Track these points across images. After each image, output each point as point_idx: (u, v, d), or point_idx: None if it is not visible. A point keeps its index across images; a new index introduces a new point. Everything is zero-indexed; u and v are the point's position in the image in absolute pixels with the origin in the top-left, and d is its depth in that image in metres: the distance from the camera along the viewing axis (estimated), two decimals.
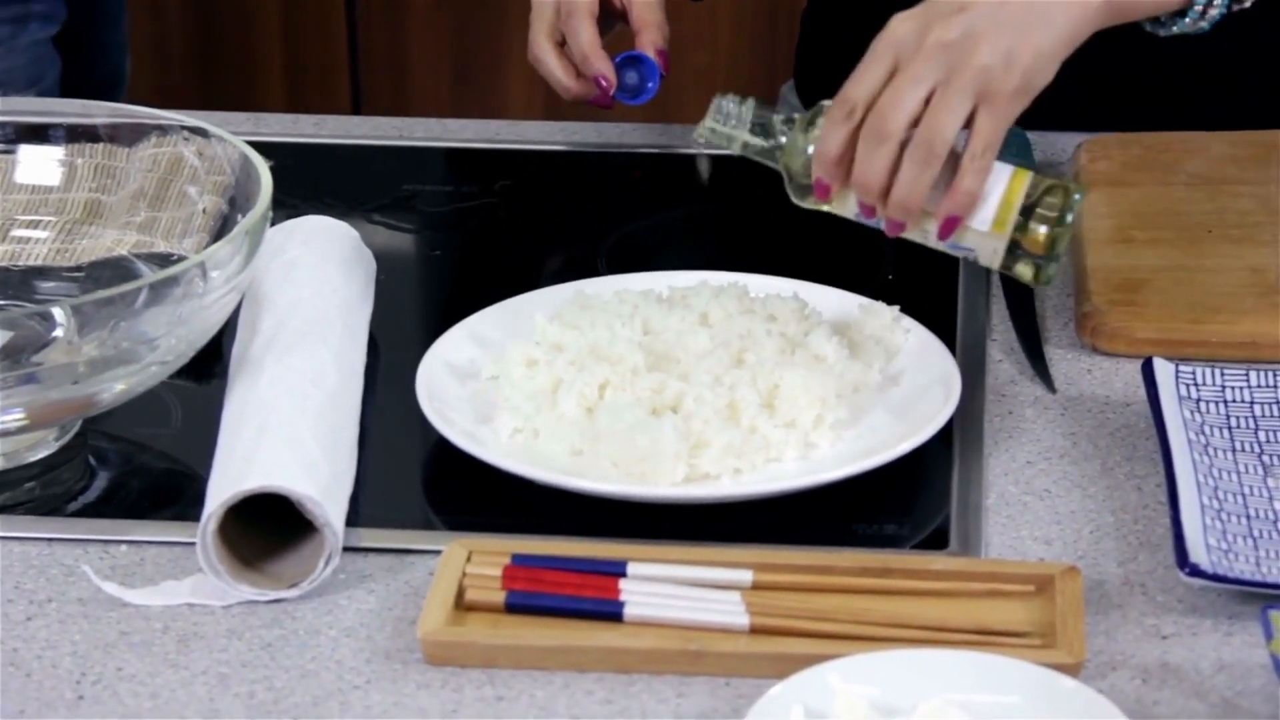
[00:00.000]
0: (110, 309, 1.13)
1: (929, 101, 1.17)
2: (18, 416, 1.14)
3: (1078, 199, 1.21)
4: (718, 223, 1.47)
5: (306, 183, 1.49)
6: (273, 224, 1.25)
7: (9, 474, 1.17)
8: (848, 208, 1.22)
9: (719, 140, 1.26)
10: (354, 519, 1.12)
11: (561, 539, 1.11)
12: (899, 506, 1.16)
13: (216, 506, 1.07)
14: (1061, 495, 1.16)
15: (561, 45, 1.42)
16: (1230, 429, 1.18)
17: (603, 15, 1.42)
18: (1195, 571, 1.06)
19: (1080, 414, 1.23)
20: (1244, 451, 1.16)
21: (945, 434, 1.19)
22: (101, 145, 1.32)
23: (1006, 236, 1.20)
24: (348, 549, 1.11)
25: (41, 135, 1.32)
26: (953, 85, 1.17)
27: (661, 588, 1.07)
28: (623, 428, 1.15)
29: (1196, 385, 1.21)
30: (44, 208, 1.32)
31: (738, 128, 1.25)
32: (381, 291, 1.32)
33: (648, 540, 1.11)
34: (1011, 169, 1.21)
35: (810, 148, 1.22)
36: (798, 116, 1.24)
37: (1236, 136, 1.47)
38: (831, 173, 1.20)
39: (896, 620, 1.05)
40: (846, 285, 1.30)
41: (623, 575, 1.07)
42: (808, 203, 1.24)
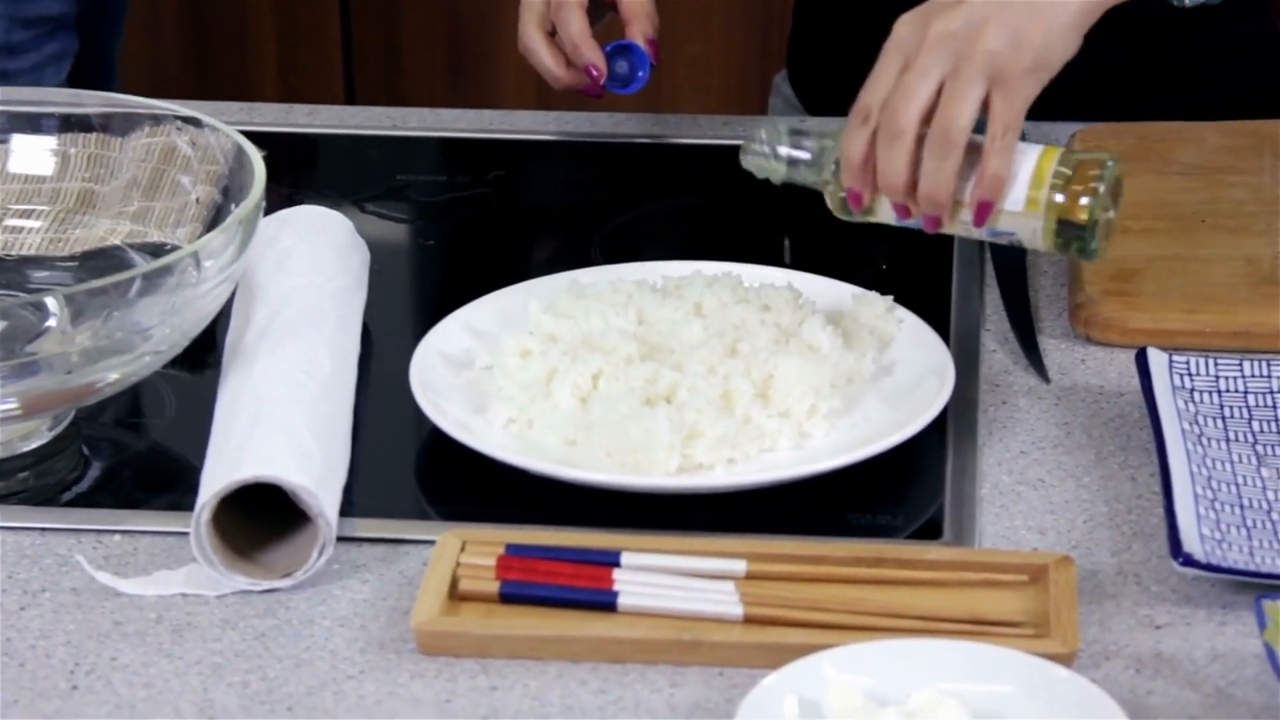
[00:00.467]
0: (104, 299, 1.13)
1: (941, 93, 1.17)
2: (11, 406, 1.14)
3: (1111, 166, 1.19)
4: (712, 213, 1.47)
5: (300, 172, 1.49)
6: (266, 214, 1.25)
7: (2, 464, 1.17)
8: (885, 214, 1.21)
9: (759, 172, 1.24)
10: (348, 509, 1.12)
11: (555, 529, 1.11)
12: (893, 496, 1.16)
13: (210, 496, 1.07)
14: (1055, 485, 1.16)
15: (552, 35, 1.42)
16: (1224, 419, 1.18)
17: (593, 5, 1.42)
18: (1189, 561, 1.06)
19: (1074, 404, 1.23)
20: (1238, 441, 1.17)
21: (939, 424, 1.19)
22: (95, 135, 1.32)
23: (1042, 215, 1.19)
24: (341, 539, 1.11)
25: (34, 125, 1.32)
26: (961, 73, 1.17)
27: (655, 578, 1.07)
28: (616, 418, 1.15)
29: (1190, 375, 1.21)
30: (37, 197, 1.32)
31: (773, 156, 1.23)
32: (375, 281, 1.32)
33: (642, 530, 1.11)
34: (1040, 148, 1.20)
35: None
36: (825, 133, 1.23)
37: (1231, 126, 1.47)
38: (859, 179, 1.20)
39: (890, 610, 1.05)
40: (840, 275, 1.30)
41: (616, 565, 1.07)
42: (852, 217, 1.22)
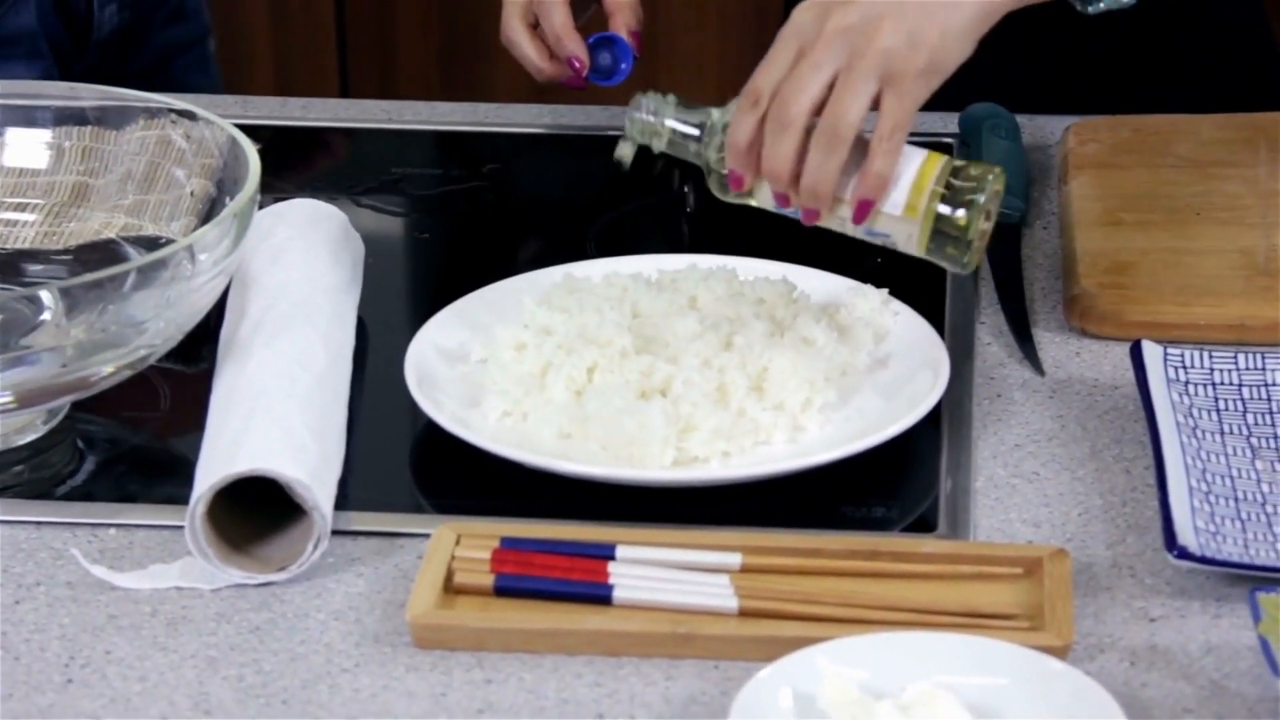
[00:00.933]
0: (98, 292, 1.13)
1: (833, 86, 1.17)
2: (6, 400, 1.14)
3: (991, 179, 1.18)
4: (706, 206, 1.47)
5: (295, 166, 1.49)
6: (261, 207, 1.24)
7: None
8: (765, 198, 1.20)
9: (642, 137, 1.23)
10: (343, 502, 1.12)
11: (550, 522, 1.11)
12: (887, 489, 1.16)
13: (205, 490, 1.07)
14: (1050, 478, 1.16)
15: (535, 28, 1.42)
16: (1218, 411, 1.18)
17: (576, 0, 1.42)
18: (1183, 554, 1.06)
19: (1069, 397, 1.23)
20: (1232, 434, 1.17)
21: (934, 417, 1.19)
22: (89, 128, 1.32)
23: (919, 221, 1.18)
24: (336, 532, 1.11)
25: (29, 118, 1.32)
26: (855, 69, 1.15)
27: (650, 571, 1.07)
28: (611, 411, 1.15)
29: (1185, 368, 1.21)
30: (31, 190, 1.32)
31: (658, 126, 1.22)
32: (370, 274, 1.32)
33: (636, 523, 1.11)
34: (925, 153, 1.18)
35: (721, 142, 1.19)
36: (714, 111, 1.21)
37: (1225, 119, 1.47)
38: (743, 163, 1.18)
39: (885, 603, 1.05)
40: (835, 268, 1.30)
41: (611, 558, 1.07)
42: (729, 196, 1.21)
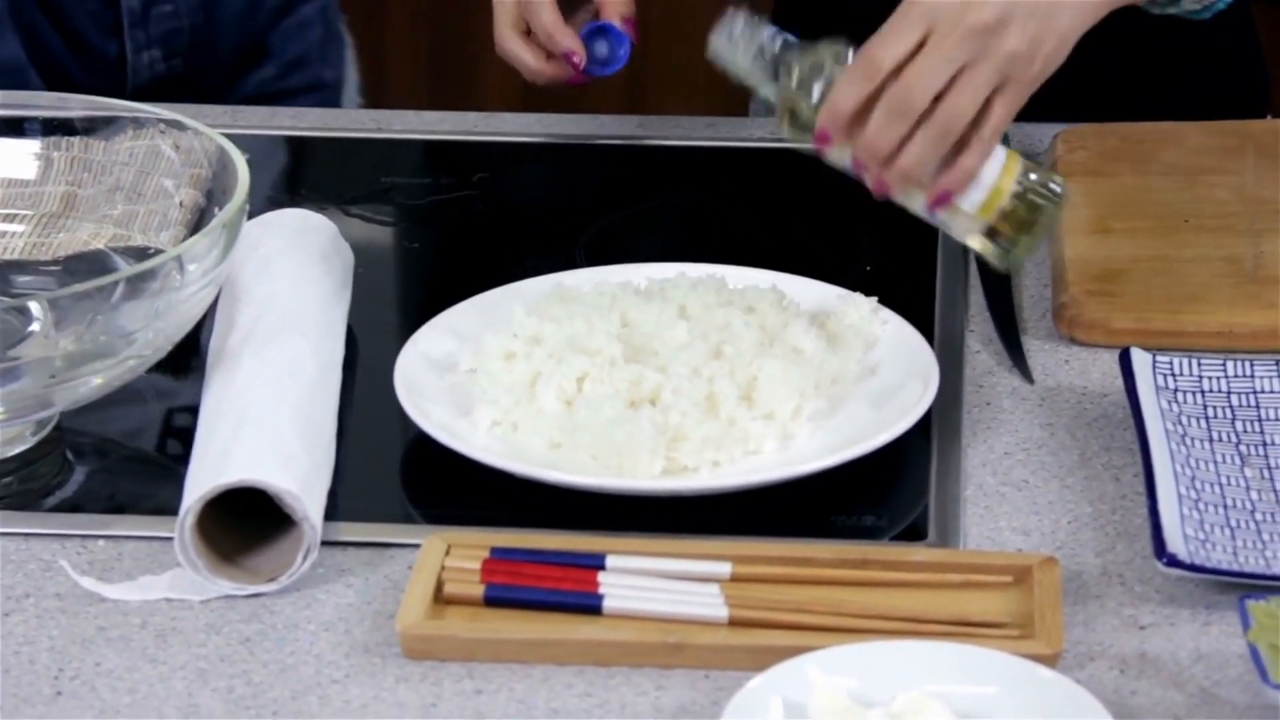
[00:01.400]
0: (87, 303, 1.13)
1: (953, 80, 1.17)
2: None
3: (1059, 191, 1.21)
4: (696, 214, 1.47)
5: (284, 176, 1.49)
6: (250, 217, 1.24)
7: None
8: (842, 158, 1.21)
9: (726, 57, 1.23)
10: (332, 513, 1.12)
11: (540, 532, 1.11)
12: (877, 498, 1.16)
13: (194, 501, 1.07)
14: (1039, 486, 1.16)
15: (527, 34, 1.42)
16: (1207, 419, 1.18)
17: (566, 1, 1.42)
18: (1173, 561, 1.06)
19: (1058, 404, 1.23)
20: (1221, 441, 1.17)
21: (923, 425, 1.19)
22: (78, 138, 1.31)
23: (987, 221, 1.21)
24: (326, 543, 1.10)
25: (17, 128, 1.32)
26: (981, 69, 1.17)
27: (640, 580, 1.07)
28: (601, 421, 1.15)
29: (1174, 375, 1.21)
30: (20, 201, 1.32)
31: (745, 52, 1.22)
32: (359, 284, 1.32)
33: (626, 533, 1.11)
34: (1005, 153, 1.21)
35: (816, 92, 1.20)
36: (809, 55, 1.21)
37: (1212, 126, 1.47)
38: (839, 127, 1.19)
39: (875, 612, 1.05)
40: (825, 277, 1.30)
41: (602, 568, 1.07)
42: (803, 143, 1.21)
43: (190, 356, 1.25)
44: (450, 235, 1.45)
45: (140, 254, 1.27)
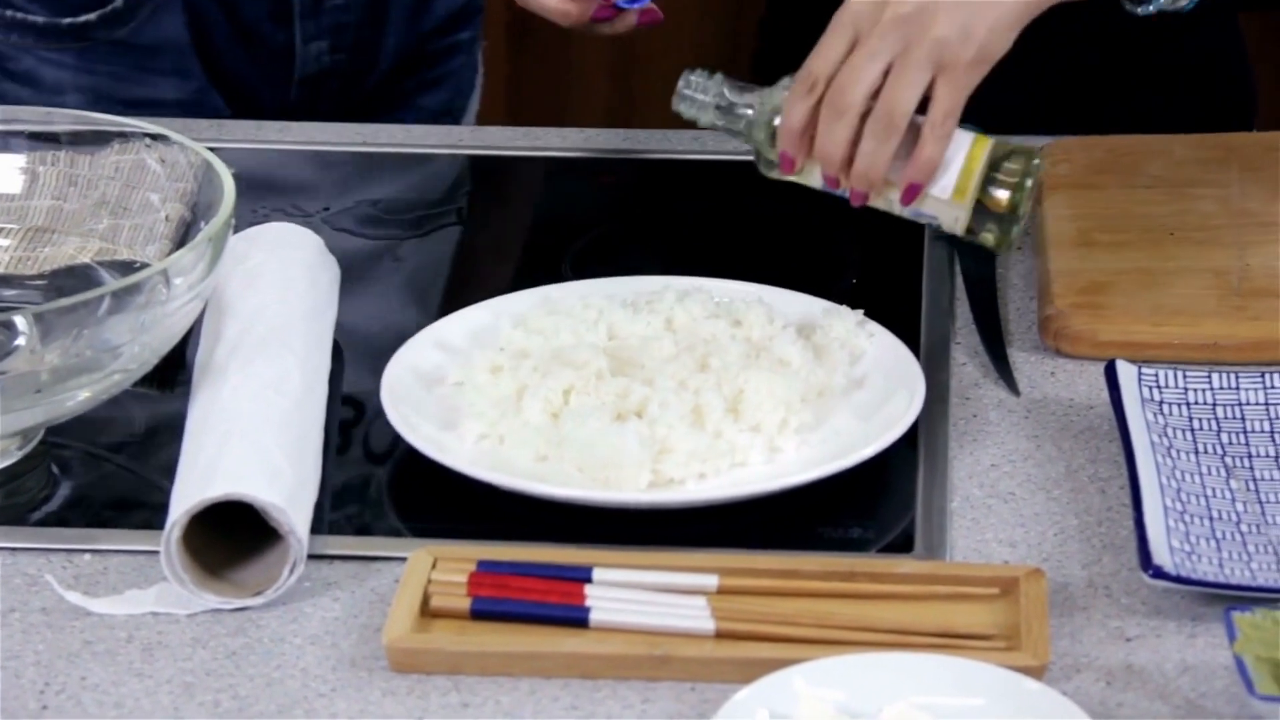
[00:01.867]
0: (73, 317, 1.13)
1: (888, 74, 1.19)
2: None
3: (1037, 163, 1.23)
4: (682, 227, 1.47)
5: (270, 189, 1.49)
6: (236, 231, 1.24)
7: None
8: (813, 179, 1.25)
9: (688, 113, 1.27)
10: (319, 526, 1.12)
11: (527, 545, 1.11)
12: (864, 510, 1.16)
13: (181, 514, 1.07)
14: (1025, 498, 1.17)
15: None
16: (1193, 431, 1.18)
17: None
18: (1159, 573, 1.06)
19: (1044, 417, 1.24)
20: (1206, 453, 1.17)
21: (910, 437, 1.19)
22: (64, 152, 1.31)
23: (967, 204, 1.23)
24: (313, 556, 1.10)
25: (3, 143, 1.32)
26: (910, 57, 1.19)
27: (627, 593, 1.07)
28: (587, 434, 1.15)
29: (1159, 387, 1.21)
30: (6, 215, 1.32)
31: (706, 102, 1.27)
32: (345, 298, 1.32)
33: (613, 546, 1.11)
34: (973, 136, 1.23)
35: (775, 121, 1.24)
36: (765, 90, 1.26)
37: (1198, 139, 1.47)
38: (795, 146, 1.23)
39: (861, 624, 1.05)
40: (811, 289, 1.30)
41: (588, 581, 1.07)
42: (775, 174, 1.26)
43: (176, 370, 1.25)
44: (436, 249, 1.45)
45: (126, 268, 1.27)
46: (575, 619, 1.05)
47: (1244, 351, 1.27)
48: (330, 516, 1.14)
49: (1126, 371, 1.21)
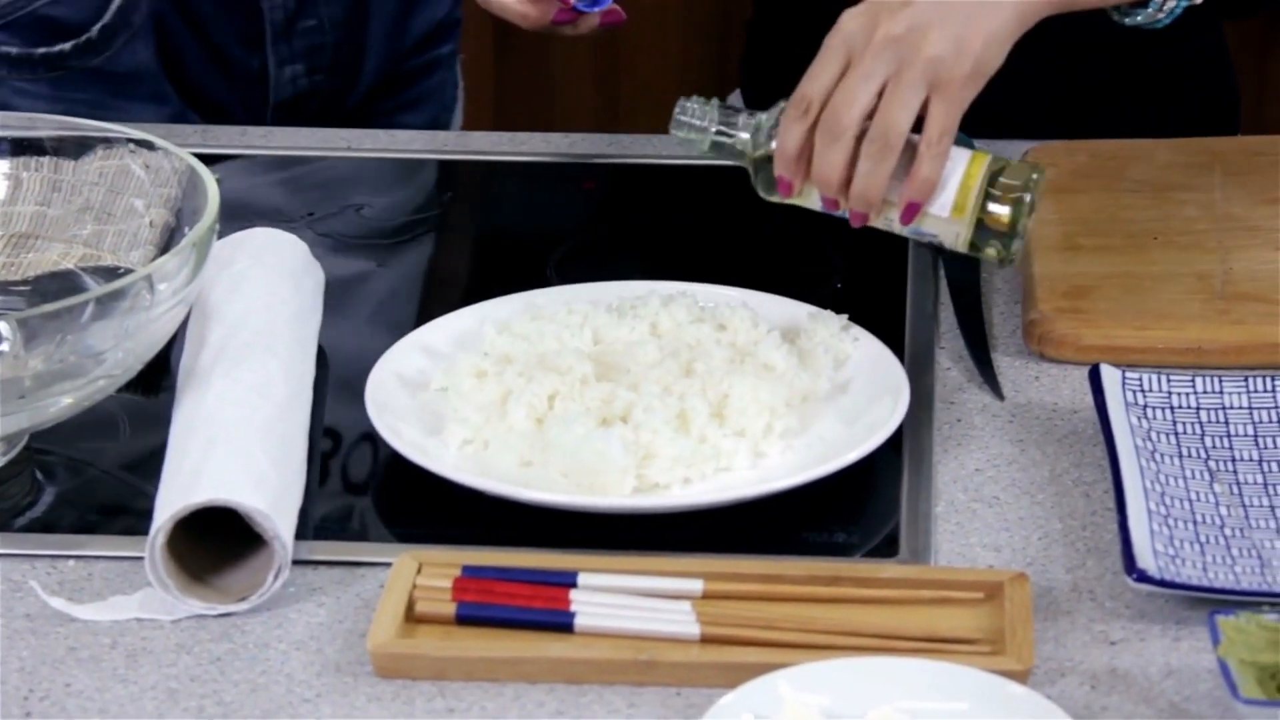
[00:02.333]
0: (57, 323, 1.13)
1: (882, 94, 1.19)
2: None
3: (1036, 178, 1.23)
4: (667, 232, 1.47)
5: (254, 195, 1.49)
6: (220, 236, 1.24)
7: None
8: (812, 201, 1.25)
9: (685, 140, 1.27)
10: (304, 531, 1.12)
11: (512, 550, 1.11)
12: (848, 515, 1.16)
13: (165, 520, 1.07)
14: (1010, 502, 1.17)
15: None
16: (1177, 435, 1.19)
17: None
18: (1143, 577, 1.06)
19: (1028, 421, 1.24)
20: (1190, 457, 1.17)
21: (894, 442, 1.19)
22: (48, 158, 1.31)
23: (967, 221, 1.23)
24: (297, 562, 1.10)
25: None
26: (904, 78, 1.19)
27: (612, 598, 1.07)
28: (572, 439, 1.15)
29: (1143, 391, 1.21)
30: None
31: (703, 128, 1.27)
32: (330, 303, 1.32)
33: (598, 550, 1.11)
34: (970, 153, 1.23)
35: (772, 145, 1.24)
36: (761, 115, 1.26)
37: (1181, 144, 1.48)
38: (792, 169, 1.23)
39: (846, 628, 1.05)
40: (795, 294, 1.31)
41: (573, 586, 1.07)
42: (774, 197, 1.26)
43: (161, 376, 1.25)
44: (421, 254, 1.45)
45: (110, 274, 1.27)
46: (560, 624, 1.05)
47: (1227, 355, 1.27)
48: (315, 522, 1.14)
49: (1110, 375, 1.21)
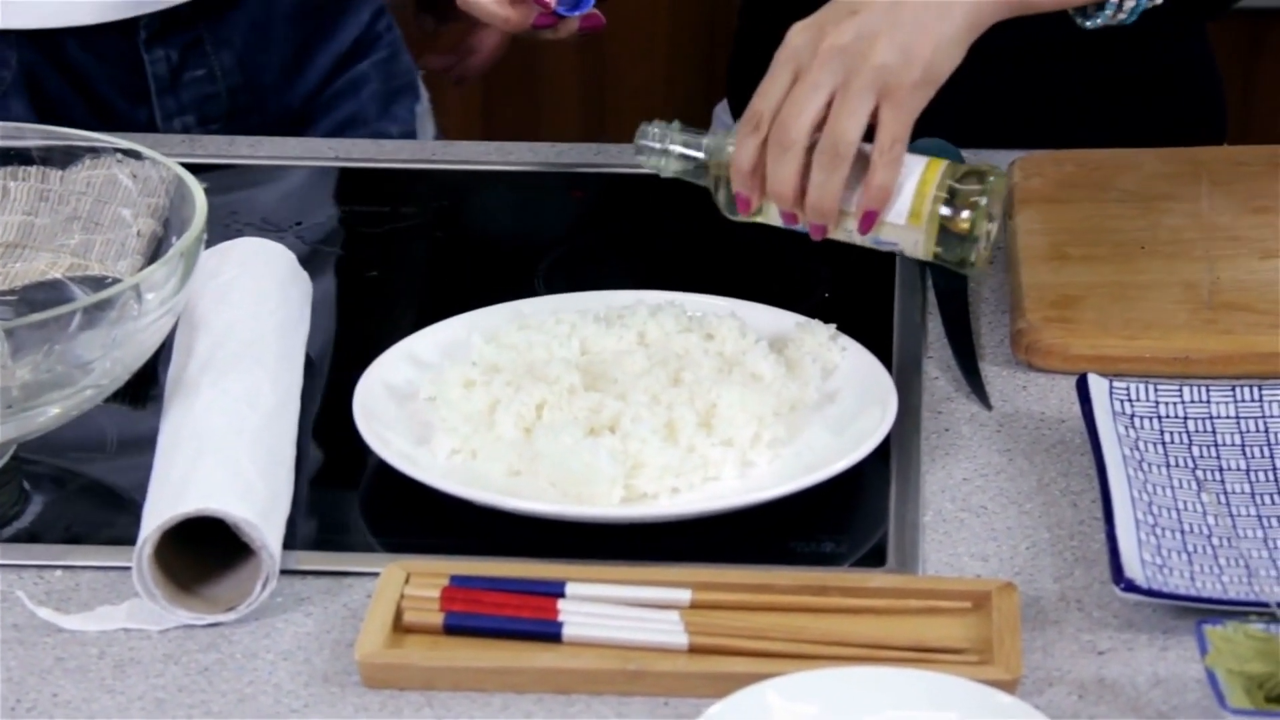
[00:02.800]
0: (44, 332, 1.12)
1: (831, 105, 1.19)
2: None
3: (994, 180, 1.23)
4: (654, 242, 1.47)
5: (242, 204, 1.49)
6: (208, 246, 1.24)
7: None
8: (772, 217, 1.25)
9: (649, 165, 1.28)
10: (291, 541, 1.12)
11: (500, 560, 1.11)
12: (836, 524, 1.16)
13: (152, 530, 1.07)
14: (998, 512, 1.17)
15: None
16: (1164, 444, 1.19)
17: None
18: (1130, 587, 1.06)
19: (1016, 430, 1.24)
20: (1178, 467, 1.17)
21: (882, 451, 1.19)
22: (35, 168, 1.31)
23: (924, 227, 1.22)
24: (285, 572, 1.10)
25: None
26: (851, 87, 1.19)
27: (600, 608, 1.07)
28: (560, 448, 1.15)
29: (1130, 401, 1.21)
30: None
31: (663, 150, 1.27)
32: (317, 313, 1.32)
33: (586, 560, 1.11)
34: (925, 160, 1.23)
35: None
36: (718, 134, 1.26)
37: (1169, 153, 1.48)
38: (748, 185, 1.23)
39: (834, 638, 1.05)
40: (783, 303, 1.31)
41: (561, 595, 1.07)
42: (739, 216, 1.25)
43: (148, 386, 1.25)
44: (408, 264, 1.45)
45: (98, 283, 1.27)
46: (548, 634, 1.05)
47: (1215, 365, 1.27)
48: (303, 531, 1.14)
49: (1098, 385, 1.22)
